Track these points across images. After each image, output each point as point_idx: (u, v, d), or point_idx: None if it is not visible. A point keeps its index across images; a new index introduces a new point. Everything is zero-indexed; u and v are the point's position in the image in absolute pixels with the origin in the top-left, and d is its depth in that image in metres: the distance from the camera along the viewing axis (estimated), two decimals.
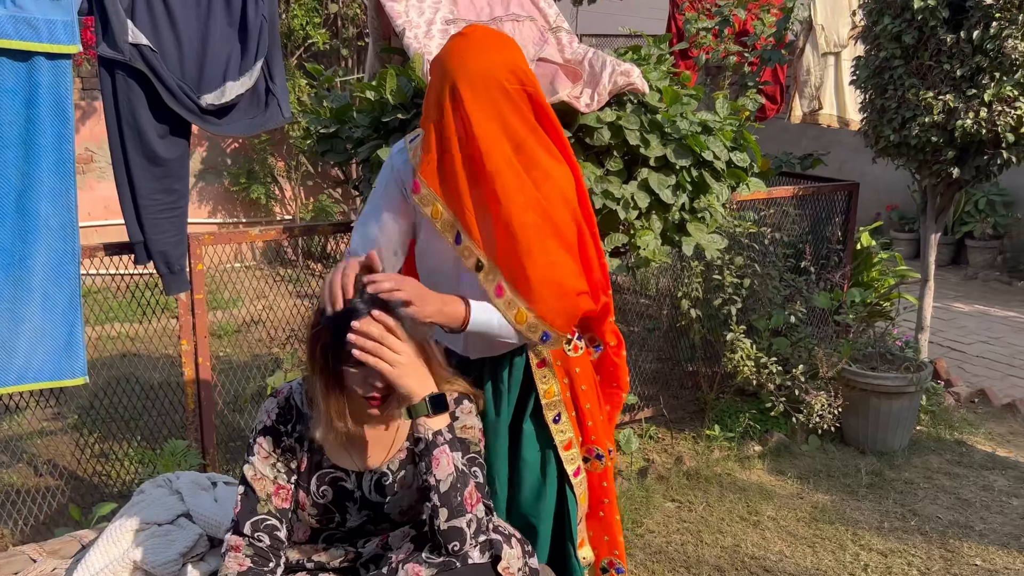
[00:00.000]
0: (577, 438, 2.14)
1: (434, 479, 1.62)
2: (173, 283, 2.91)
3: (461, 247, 1.89)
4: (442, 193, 1.88)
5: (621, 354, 2.22)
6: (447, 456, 1.63)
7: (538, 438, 2.11)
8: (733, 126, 3.13)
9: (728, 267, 3.88)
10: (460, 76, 1.81)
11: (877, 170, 6.14)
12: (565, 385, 2.12)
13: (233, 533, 1.77)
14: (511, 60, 1.86)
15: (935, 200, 4.31)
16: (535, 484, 2.11)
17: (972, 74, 3.78)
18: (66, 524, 2.97)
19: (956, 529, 3.30)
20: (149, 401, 3.62)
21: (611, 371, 2.23)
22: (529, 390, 2.10)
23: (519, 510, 2.13)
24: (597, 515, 2.24)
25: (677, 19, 5.93)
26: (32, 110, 2.47)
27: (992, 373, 5.08)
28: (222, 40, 2.77)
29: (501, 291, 1.88)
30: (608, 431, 2.24)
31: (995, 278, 7.36)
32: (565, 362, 2.11)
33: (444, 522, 1.62)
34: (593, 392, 2.17)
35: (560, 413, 2.11)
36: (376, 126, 2.98)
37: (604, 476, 2.20)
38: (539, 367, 2.09)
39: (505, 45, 1.88)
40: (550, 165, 1.93)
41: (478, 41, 1.86)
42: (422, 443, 1.64)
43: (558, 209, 1.91)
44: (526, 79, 1.88)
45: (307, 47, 7.00)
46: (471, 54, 1.83)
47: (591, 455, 2.18)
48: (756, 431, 4.01)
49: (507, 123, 1.84)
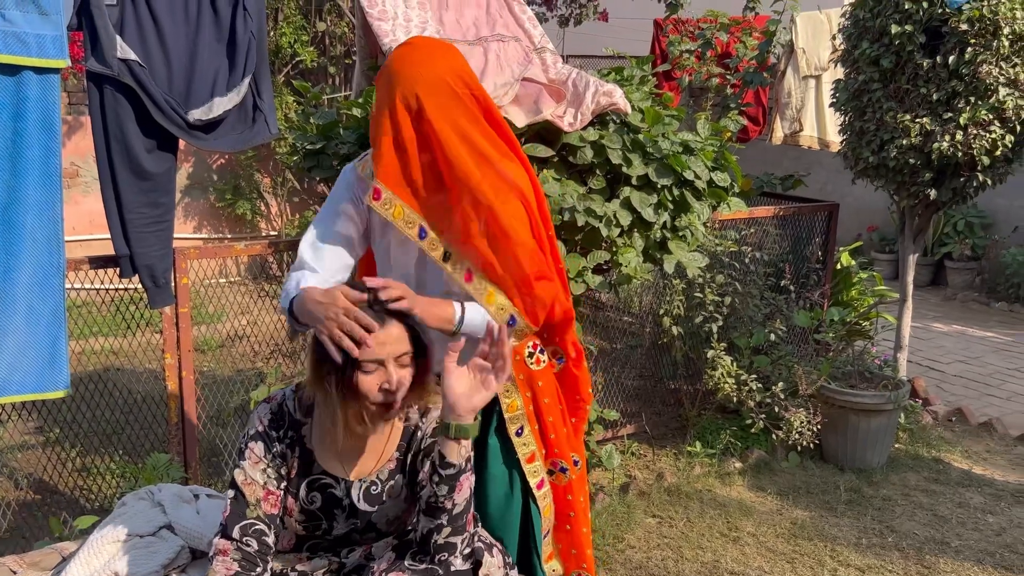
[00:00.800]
0: (540, 451, 2.17)
1: (451, 503, 1.64)
2: (158, 297, 2.92)
3: (427, 241, 1.95)
4: (403, 194, 1.93)
5: (582, 365, 2.26)
6: (469, 482, 1.67)
7: (502, 452, 2.15)
8: (714, 146, 3.19)
9: (709, 285, 3.92)
10: (415, 83, 1.88)
11: (858, 191, 6.23)
12: (528, 399, 2.15)
13: (221, 537, 1.78)
14: (458, 66, 1.93)
15: (913, 221, 4.38)
16: (501, 497, 2.15)
17: (948, 98, 3.86)
18: (46, 538, 2.96)
19: (933, 545, 3.33)
20: (132, 415, 3.62)
21: (573, 383, 2.26)
22: (492, 404, 2.13)
23: (485, 523, 2.15)
24: (564, 528, 2.26)
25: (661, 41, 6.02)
26: (20, 123, 2.49)
27: (969, 392, 5.14)
28: (210, 56, 2.80)
29: (470, 277, 1.95)
30: (574, 443, 2.26)
31: (973, 299, 7.45)
32: (528, 376, 2.15)
33: (443, 538, 1.66)
34: (556, 405, 2.20)
35: (523, 427, 2.15)
36: (363, 143, 3.01)
37: (569, 489, 2.23)
38: None
39: (449, 52, 1.96)
40: (506, 164, 1.99)
41: (424, 50, 1.94)
42: (453, 468, 1.64)
43: (517, 203, 1.98)
44: (472, 83, 1.95)
45: (295, 65, 7.04)
46: (420, 62, 1.90)
47: (555, 468, 2.21)
48: (737, 448, 4.04)
49: (459, 125, 1.91)
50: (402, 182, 1.93)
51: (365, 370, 1.69)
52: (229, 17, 2.82)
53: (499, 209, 1.92)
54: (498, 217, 1.92)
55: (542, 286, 2.00)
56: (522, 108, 2.90)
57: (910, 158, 3.97)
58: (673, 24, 5.71)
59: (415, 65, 1.89)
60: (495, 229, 1.92)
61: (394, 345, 1.71)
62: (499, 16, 3.27)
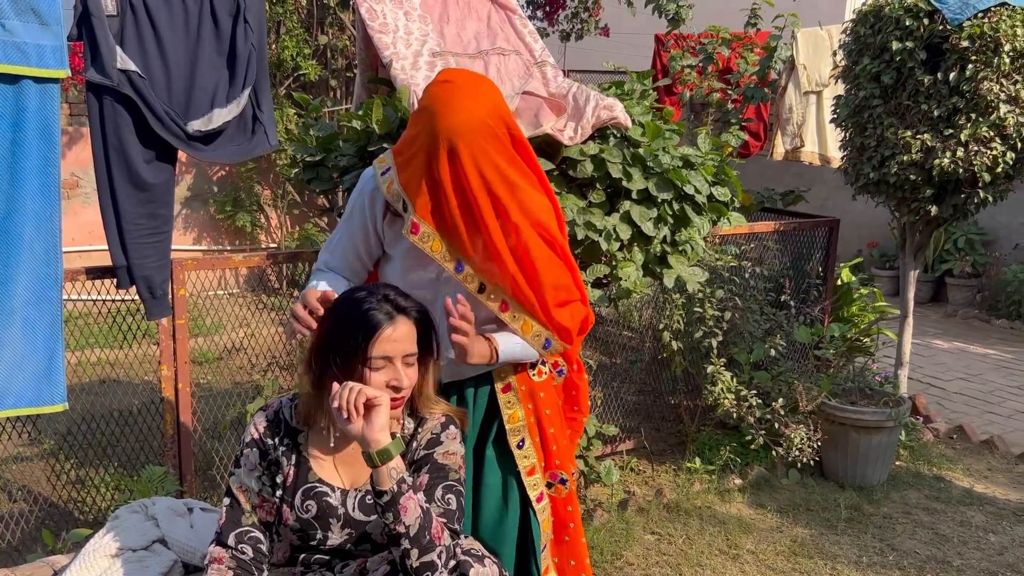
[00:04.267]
0: (540, 463, 2.17)
1: (403, 526, 1.63)
2: (155, 308, 2.91)
3: (463, 274, 2.01)
4: (440, 230, 1.99)
5: (583, 377, 2.28)
6: (413, 500, 1.64)
7: (500, 464, 2.14)
8: (715, 161, 3.18)
9: (709, 300, 3.91)
10: (453, 131, 1.89)
11: (859, 207, 6.22)
12: (529, 410, 2.15)
13: (216, 545, 1.77)
14: (496, 104, 1.96)
15: (914, 237, 4.37)
16: (496, 509, 2.13)
17: (949, 114, 3.86)
18: (39, 550, 2.93)
19: (934, 564, 3.30)
20: (127, 427, 3.60)
21: (573, 395, 2.28)
22: (493, 416, 2.14)
23: (480, 535, 2.14)
24: (562, 540, 2.25)
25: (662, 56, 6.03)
26: (19, 133, 2.48)
27: (971, 409, 5.12)
28: (210, 67, 2.80)
29: (506, 307, 2.02)
30: (570, 455, 2.27)
31: (974, 315, 7.43)
32: (530, 387, 2.15)
33: (416, 560, 1.64)
34: (557, 416, 2.20)
35: (524, 439, 2.14)
36: (362, 155, 3.01)
37: (569, 501, 2.22)
38: (504, 392, 2.13)
39: (490, 91, 1.97)
40: (534, 196, 2.04)
41: (465, 90, 1.93)
42: (387, 495, 1.62)
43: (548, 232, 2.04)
44: (509, 120, 2.00)
45: (296, 77, 7.05)
46: (461, 106, 1.90)
47: (555, 480, 2.21)
48: (736, 464, 4.01)
49: (498, 165, 1.95)
50: (440, 219, 1.98)
51: (374, 367, 1.71)
52: (229, 29, 2.82)
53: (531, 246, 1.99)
54: (529, 252, 1.98)
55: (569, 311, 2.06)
56: (522, 121, 2.89)
57: (911, 174, 3.96)
58: (674, 39, 5.71)
59: (455, 108, 1.90)
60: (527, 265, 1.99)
61: (403, 343, 1.72)
62: (500, 30, 3.27)
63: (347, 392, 1.65)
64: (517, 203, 1.98)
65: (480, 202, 1.94)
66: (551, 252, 2.03)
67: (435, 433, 1.83)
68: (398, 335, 1.72)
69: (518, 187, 1.99)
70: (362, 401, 1.64)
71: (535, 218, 2.00)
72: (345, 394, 1.65)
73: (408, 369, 1.75)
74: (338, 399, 1.65)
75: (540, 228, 2.02)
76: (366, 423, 1.64)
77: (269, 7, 6.65)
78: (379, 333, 1.70)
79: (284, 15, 6.81)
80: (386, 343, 1.70)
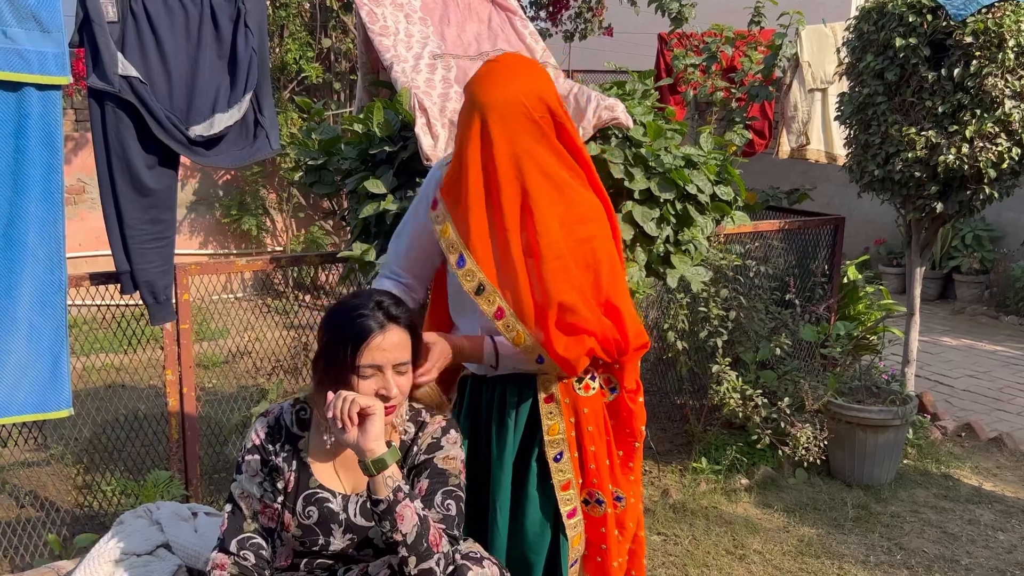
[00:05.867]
0: (577, 480, 2.06)
1: (400, 534, 1.62)
2: (159, 313, 2.91)
3: (463, 270, 1.89)
4: (455, 212, 1.89)
5: (637, 400, 2.11)
6: (410, 508, 1.64)
7: (541, 475, 2.06)
8: (717, 160, 3.17)
9: (714, 299, 3.90)
10: (487, 105, 1.83)
11: (865, 205, 6.20)
12: (571, 424, 2.04)
13: (219, 551, 1.77)
14: (539, 86, 1.86)
15: (920, 234, 4.35)
16: (537, 520, 2.06)
17: (953, 111, 3.83)
18: (46, 555, 2.94)
19: (942, 563, 3.29)
20: (133, 432, 3.61)
21: (625, 417, 2.12)
22: (537, 425, 2.05)
23: (519, 545, 2.07)
24: (594, 559, 2.14)
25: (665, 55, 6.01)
26: (21, 141, 2.48)
27: (979, 407, 5.09)
28: (212, 72, 2.80)
29: (501, 314, 1.89)
30: (619, 478, 2.13)
31: (982, 312, 7.40)
32: (574, 400, 2.03)
33: (415, 567, 1.64)
34: (601, 435, 2.07)
35: (562, 452, 2.04)
36: (363, 158, 3.01)
37: (603, 522, 2.09)
38: (546, 402, 2.03)
39: (533, 71, 1.89)
40: (580, 197, 1.92)
41: (506, 68, 1.88)
42: (383, 504, 1.63)
43: (580, 244, 1.90)
44: (554, 106, 1.88)
45: (300, 81, 7.06)
46: (499, 81, 1.84)
47: (591, 499, 2.09)
48: (743, 464, 4.00)
49: (534, 152, 1.85)
50: (457, 201, 1.89)
51: (363, 375, 1.69)
52: (230, 33, 2.83)
53: (544, 243, 1.85)
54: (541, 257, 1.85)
55: (576, 342, 1.90)
56: None
57: (916, 171, 3.94)
58: (678, 38, 5.70)
59: (493, 84, 1.84)
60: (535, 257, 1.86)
61: (394, 352, 1.71)
62: (501, 31, 3.27)
63: (340, 402, 1.64)
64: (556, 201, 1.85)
65: (503, 185, 1.82)
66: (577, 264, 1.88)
67: (435, 438, 1.83)
68: (388, 344, 1.70)
69: (564, 185, 1.87)
70: (355, 411, 1.64)
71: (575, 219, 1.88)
72: (339, 404, 1.64)
73: (400, 378, 1.73)
74: (331, 408, 1.65)
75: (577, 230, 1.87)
76: (361, 433, 1.64)
77: (272, 11, 6.66)
78: (368, 342, 1.69)
79: (287, 19, 6.82)
80: (375, 352, 1.69)
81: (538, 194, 1.85)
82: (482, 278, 1.89)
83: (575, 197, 1.91)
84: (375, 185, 2.81)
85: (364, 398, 1.66)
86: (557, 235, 1.86)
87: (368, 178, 2.86)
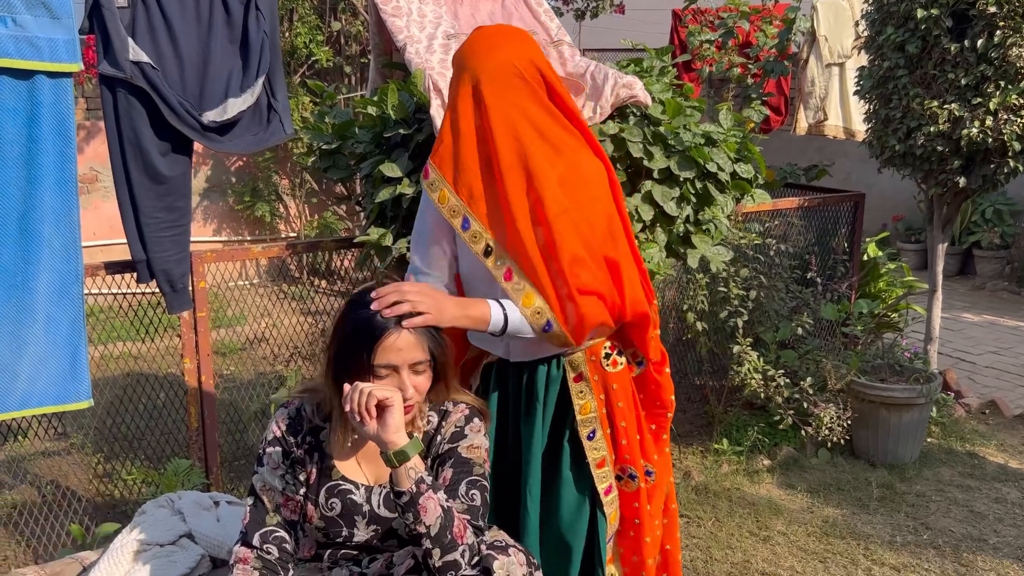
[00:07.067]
0: (611, 456, 2.06)
1: (424, 526, 1.60)
2: (176, 301, 2.89)
3: (469, 232, 1.87)
4: (450, 177, 1.87)
5: (663, 371, 2.11)
6: (433, 500, 1.61)
7: (574, 455, 2.05)
8: (737, 138, 3.11)
9: (734, 279, 3.85)
10: (479, 69, 1.84)
11: (883, 181, 6.12)
12: (601, 401, 2.04)
13: (242, 545, 1.76)
14: (529, 51, 1.88)
15: (942, 210, 4.28)
16: (574, 502, 2.05)
17: (977, 83, 3.76)
18: (68, 545, 2.94)
19: (969, 543, 3.25)
20: (153, 420, 3.60)
21: (653, 390, 2.11)
22: (566, 406, 2.03)
23: (556, 527, 2.06)
24: (628, 534, 2.15)
25: (679, 32, 5.94)
26: (34, 129, 2.46)
27: (1002, 384, 5.03)
28: (223, 57, 2.77)
29: (510, 275, 1.86)
30: (649, 452, 2.12)
31: (1003, 288, 7.31)
32: (603, 377, 2.03)
33: (439, 560, 1.62)
34: (631, 410, 2.07)
35: (595, 430, 2.04)
36: (378, 141, 2.97)
37: (636, 497, 2.10)
38: (575, 382, 2.02)
39: (522, 37, 1.90)
40: (579, 156, 1.91)
41: (496, 34, 1.89)
42: (406, 496, 1.60)
43: (584, 204, 1.88)
44: (545, 69, 1.88)
45: (310, 65, 7.02)
46: (489, 46, 1.85)
47: (624, 474, 2.10)
48: (765, 445, 3.97)
49: (528, 112, 1.84)
50: (452, 167, 1.87)
51: (378, 375, 1.66)
52: (241, 17, 2.79)
53: (548, 203, 1.82)
54: (546, 211, 1.82)
55: (588, 302, 1.87)
56: None
57: (938, 145, 3.87)
58: (692, 14, 5.62)
59: (483, 49, 1.85)
60: (543, 225, 1.83)
61: (408, 352, 1.66)
62: (515, 10, 3.21)
63: (356, 395, 1.61)
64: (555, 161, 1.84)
65: (501, 149, 1.81)
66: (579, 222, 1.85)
67: (459, 426, 1.79)
68: (403, 343, 1.66)
69: (562, 144, 1.86)
70: (373, 403, 1.60)
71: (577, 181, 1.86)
72: (356, 397, 1.61)
73: (417, 377, 1.69)
74: (348, 402, 1.62)
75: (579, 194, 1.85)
76: (380, 425, 1.61)
77: None
78: (381, 341, 1.65)
79: (297, 2, 6.77)
80: (389, 352, 1.65)
81: (536, 153, 1.84)
82: (488, 238, 1.87)
83: (574, 157, 1.90)
84: (390, 169, 2.77)
85: (381, 389, 1.62)
86: (558, 192, 1.84)
87: (383, 162, 2.82)
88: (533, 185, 1.83)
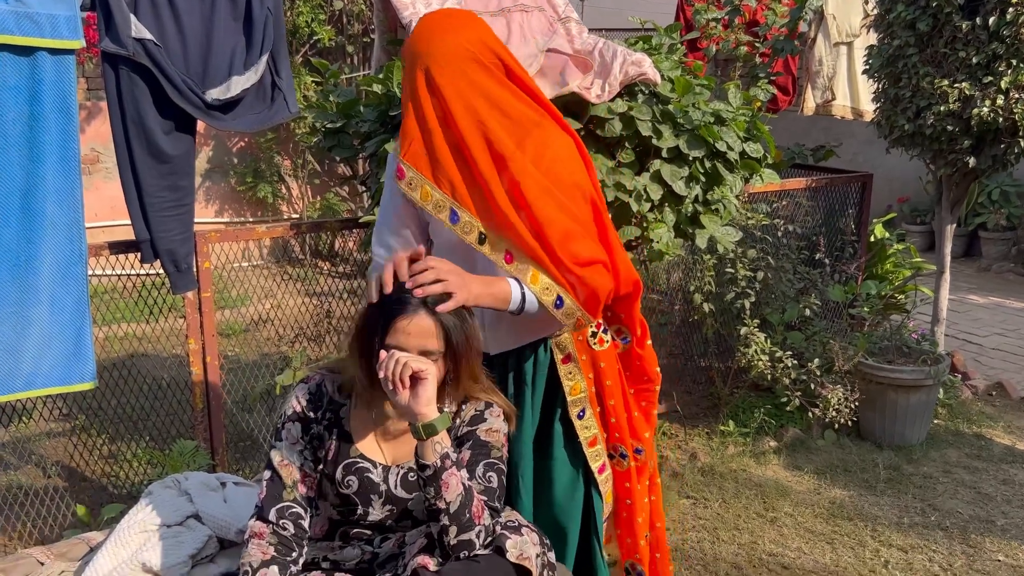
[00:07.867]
0: (602, 435, 2.08)
1: (444, 502, 1.59)
2: (180, 282, 2.87)
3: (459, 225, 1.83)
4: (429, 174, 1.83)
5: (645, 344, 2.12)
6: (455, 477, 1.60)
7: (567, 436, 2.05)
8: (746, 116, 3.08)
9: (741, 260, 3.82)
10: (431, 58, 1.79)
11: (890, 162, 6.07)
12: (590, 380, 2.04)
13: (257, 519, 1.74)
14: (481, 33, 1.83)
15: (950, 191, 4.24)
16: (567, 483, 2.06)
17: (988, 61, 3.71)
18: (74, 526, 2.94)
19: (977, 524, 3.24)
20: (157, 401, 3.59)
21: (638, 365, 2.13)
22: (555, 388, 2.03)
23: (549, 510, 2.06)
24: (621, 514, 2.18)
25: (686, 10, 5.87)
26: (36, 107, 2.43)
27: (1009, 365, 5.01)
28: (227, 34, 2.73)
29: (510, 258, 1.83)
30: (639, 431, 2.12)
31: (1009, 269, 7.28)
32: (591, 356, 2.03)
33: (454, 537, 1.61)
34: (618, 388, 2.08)
35: (584, 409, 2.05)
36: (383, 120, 2.94)
37: (627, 476, 2.12)
38: (564, 363, 2.01)
39: (472, 20, 1.85)
40: (548, 133, 1.88)
41: (445, 18, 1.84)
42: (430, 469, 1.59)
43: (562, 178, 1.86)
44: (500, 51, 1.84)
45: (312, 44, 6.96)
46: (438, 33, 1.80)
47: (615, 453, 2.11)
48: (771, 426, 3.95)
49: (489, 93, 1.81)
50: (427, 162, 1.83)
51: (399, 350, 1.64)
52: None
53: (526, 185, 1.79)
54: (525, 193, 1.79)
55: (593, 272, 1.85)
56: (548, 80, 2.80)
57: (948, 125, 3.83)
58: None
59: (433, 37, 1.80)
60: (525, 208, 1.80)
61: (420, 338, 1.64)
62: None
63: (392, 363, 1.59)
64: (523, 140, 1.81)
65: (466, 136, 1.77)
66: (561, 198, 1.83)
67: (479, 410, 1.78)
68: (413, 328, 1.63)
69: (528, 121, 1.82)
70: (408, 373, 1.59)
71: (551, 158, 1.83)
72: (390, 365, 1.59)
73: None
74: (383, 369, 1.60)
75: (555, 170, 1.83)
76: (412, 396, 1.59)
77: None
78: (395, 322, 1.63)
79: None
80: (399, 334, 1.63)
81: (502, 134, 1.80)
82: (479, 226, 1.83)
83: (542, 135, 1.86)
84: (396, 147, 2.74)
85: (417, 361, 1.60)
86: (534, 173, 1.81)
87: (389, 140, 2.79)
88: (507, 167, 1.80)
